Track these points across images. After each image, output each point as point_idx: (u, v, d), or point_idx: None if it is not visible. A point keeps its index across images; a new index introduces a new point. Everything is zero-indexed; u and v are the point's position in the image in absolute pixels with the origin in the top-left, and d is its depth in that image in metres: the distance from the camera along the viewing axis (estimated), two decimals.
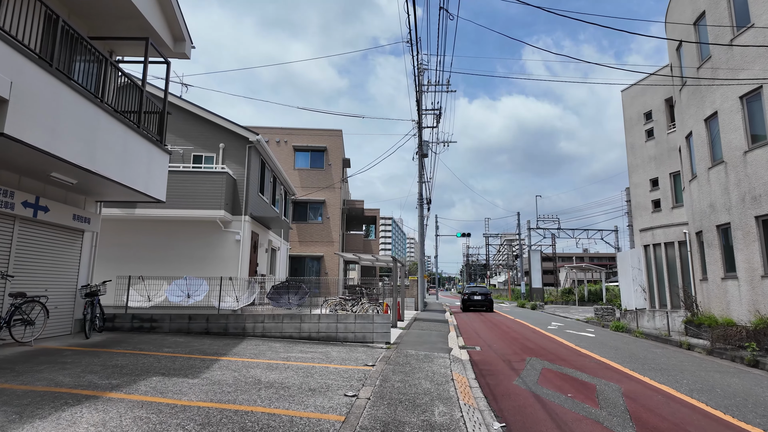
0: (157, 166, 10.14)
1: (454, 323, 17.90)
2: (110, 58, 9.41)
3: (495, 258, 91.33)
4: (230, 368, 6.98)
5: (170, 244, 14.71)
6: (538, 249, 38.33)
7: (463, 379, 7.44)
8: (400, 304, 17.19)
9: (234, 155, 15.45)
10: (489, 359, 9.67)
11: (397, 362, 8.17)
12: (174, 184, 14.10)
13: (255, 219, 15.99)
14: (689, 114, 13.74)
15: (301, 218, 26.34)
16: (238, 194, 15.15)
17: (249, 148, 15.47)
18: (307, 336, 10.56)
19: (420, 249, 24.99)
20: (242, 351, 8.68)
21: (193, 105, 15.56)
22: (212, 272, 13.96)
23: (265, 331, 10.61)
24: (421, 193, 24.89)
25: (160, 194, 10.33)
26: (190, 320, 10.66)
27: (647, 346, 12.19)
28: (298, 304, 11.06)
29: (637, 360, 9.77)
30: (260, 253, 16.99)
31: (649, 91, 19.74)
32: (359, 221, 36.74)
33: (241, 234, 14.84)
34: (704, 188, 12.84)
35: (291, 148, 26.56)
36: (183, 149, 15.45)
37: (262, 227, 17.29)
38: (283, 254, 21.63)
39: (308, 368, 7.27)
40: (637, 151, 20.12)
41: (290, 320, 10.61)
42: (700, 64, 12.85)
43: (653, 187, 19.31)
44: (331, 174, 26.59)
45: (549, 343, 12.45)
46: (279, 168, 19.19)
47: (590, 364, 9.14)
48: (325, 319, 10.61)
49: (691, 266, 14.04)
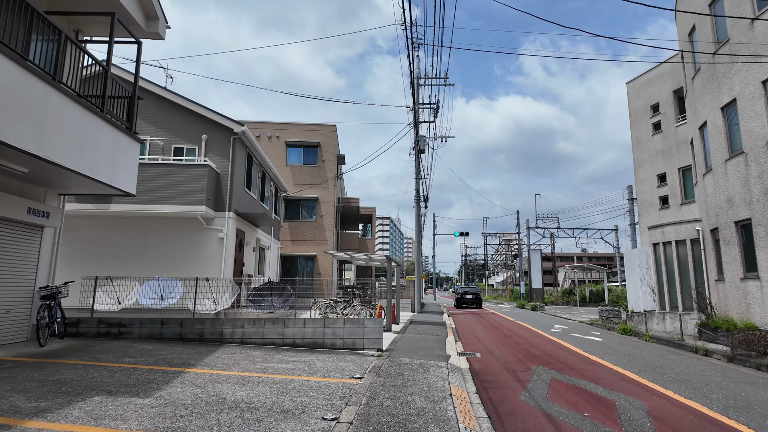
0: (125, 155, 9.18)
1: (452, 326, 16.98)
2: (70, 35, 8.48)
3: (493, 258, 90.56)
4: (194, 383, 6.04)
5: (149, 242, 13.75)
6: (538, 248, 37.46)
7: (463, 393, 6.51)
8: (395, 306, 16.27)
9: (218, 148, 14.49)
10: (491, 368, 8.75)
11: (389, 373, 7.24)
12: (152, 178, 13.16)
13: (240, 216, 15.04)
14: (703, 103, 12.86)
15: (294, 216, 25.39)
16: (222, 189, 14.20)
17: (233, 140, 14.51)
18: (291, 342, 9.62)
19: (416, 248, 24.06)
20: (214, 361, 7.74)
21: (173, 93, 14.60)
22: (194, 272, 13.01)
23: (244, 337, 9.66)
24: (418, 190, 23.98)
25: (129, 186, 9.37)
26: (163, 325, 9.70)
27: (660, 351, 11.29)
28: (281, 307, 10.12)
29: (653, 369, 8.86)
30: (247, 252, 16.04)
31: (656, 82, 18.87)
32: (355, 220, 35.80)
33: (224, 231, 13.88)
34: (721, 182, 11.96)
35: (283, 144, 25.60)
36: (163, 141, 14.49)
37: (249, 225, 16.34)
38: (273, 254, 20.68)
39: (286, 382, 6.34)
40: (644, 146, 19.24)
41: (272, 325, 9.66)
42: (717, 48, 11.96)
43: (661, 182, 18.43)
44: (324, 170, 25.64)
45: (554, 348, 11.54)
46: (268, 163, 18.24)
47: (603, 374, 8.22)
48: (311, 324, 9.67)
49: (704, 266, 13.16)
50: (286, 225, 25.03)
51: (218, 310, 10.42)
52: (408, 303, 23.03)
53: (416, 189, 23.98)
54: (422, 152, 24.00)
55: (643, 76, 19.55)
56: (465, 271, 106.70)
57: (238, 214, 14.74)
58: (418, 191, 23.94)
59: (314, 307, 13.28)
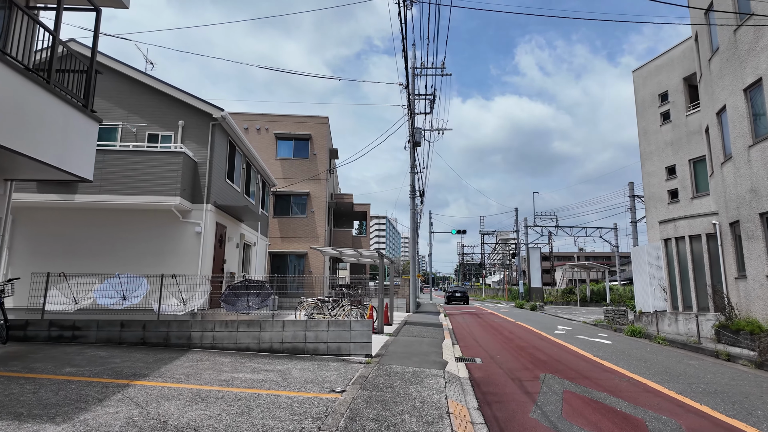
0: (80, 135, 8.06)
1: (449, 327, 15.93)
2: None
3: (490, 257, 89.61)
4: (136, 401, 4.95)
5: (121, 237, 12.62)
6: (538, 247, 36.48)
7: (463, 410, 5.45)
8: (389, 306, 15.21)
9: (196, 135, 13.37)
10: (493, 377, 7.69)
11: (376, 385, 6.17)
12: (121, 167, 12.05)
13: (221, 209, 13.93)
14: (722, 85, 11.85)
15: (283, 212, 24.27)
16: (200, 179, 13.08)
17: (213, 126, 13.39)
18: (268, 348, 8.53)
19: (412, 245, 23.00)
20: (173, 370, 6.64)
21: (147, 75, 13.47)
22: (169, 269, 11.89)
23: (215, 341, 8.56)
24: (414, 185, 22.92)
25: (84, 171, 8.24)
26: (123, 328, 8.59)
27: (678, 356, 10.27)
28: (259, 307, 9.03)
29: (677, 378, 7.82)
30: (229, 248, 14.93)
31: (664, 69, 17.87)
32: (349, 217, 34.71)
33: (202, 225, 12.77)
34: (743, 170, 10.95)
35: (272, 137, 24.47)
36: (136, 126, 13.35)
37: (231, 219, 15.22)
38: (260, 250, 19.56)
39: (250, 398, 5.26)
40: (651, 137, 18.24)
41: (247, 328, 8.57)
42: (739, 23, 10.95)
43: (670, 175, 17.44)
44: (316, 164, 24.54)
45: (561, 352, 10.50)
46: (254, 154, 17.12)
47: (622, 385, 7.18)
48: (291, 327, 8.59)
49: (722, 262, 12.16)
50: (275, 221, 23.92)
51: (187, 311, 9.31)
52: (403, 303, 21.98)
53: (412, 183, 22.92)
54: (418, 145, 22.94)
55: (651, 63, 18.55)
56: (462, 270, 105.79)
57: (218, 207, 13.63)
58: (413, 186, 22.87)
59: (300, 308, 12.20)
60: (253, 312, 8.99)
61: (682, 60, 17.09)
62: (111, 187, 11.92)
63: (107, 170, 11.99)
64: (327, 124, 24.97)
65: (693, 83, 16.97)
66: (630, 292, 28.95)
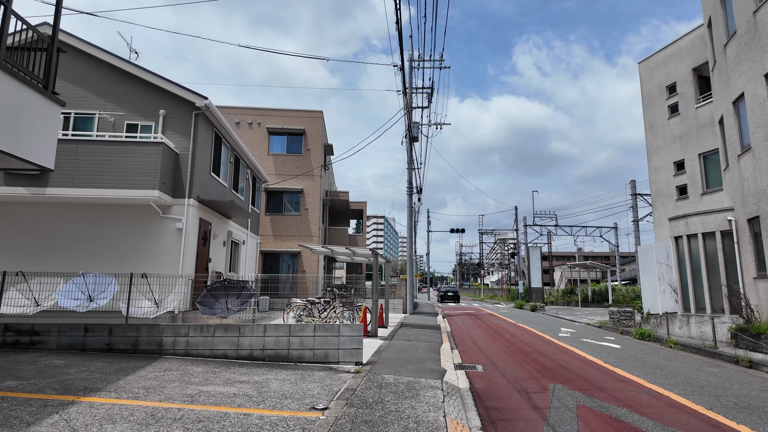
0: (37, 119, 7.24)
1: (447, 329, 15.13)
2: None
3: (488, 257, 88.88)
4: (72, 425, 4.14)
5: (95, 233, 11.79)
6: (538, 246, 35.72)
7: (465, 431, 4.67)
8: (383, 308, 14.40)
9: (178, 125, 12.55)
10: (497, 388, 6.90)
11: (365, 401, 5.38)
12: (95, 159, 11.22)
13: (205, 204, 13.10)
14: (740, 72, 11.08)
15: (276, 209, 23.44)
16: (182, 173, 12.26)
17: (196, 116, 12.56)
18: (248, 355, 7.72)
19: (409, 244, 22.19)
20: (132, 383, 5.83)
21: (125, 62, 12.63)
22: (147, 268, 11.09)
23: (189, 347, 7.75)
24: (411, 181, 22.12)
25: (43, 159, 7.41)
26: (87, 332, 7.77)
27: (695, 363, 9.49)
28: (239, 309, 8.22)
29: (701, 389, 7.04)
30: (214, 246, 14.10)
31: (672, 60, 17.10)
32: (344, 215, 33.91)
33: (183, 221, 11.95)
34: (763, 162, 10.18)
35: (265, 131, 23.63)
36: (114, 116, 12.52)
37: (217, 215, 14.40)
38: (250, 249, 18.74)
39: (213, 420, 4.46)
40: (658, 131, 17.47)
41: (224, 333, 7.76)
42: (760, 4, 10.17)
43: (678, 170, 16.67)
44: (310, 160, 23.71)
45: (569, 358, 9.72)
46: (243, 148, 16.29)
47: (642, 398, 6.39)
48: (274, 332, 7.78)
49: (738, 261, 11.39)
50: (267, 219, 23.10)
51: (160, 314, 8.48)
52: (399, 303, 21.18)
53: (409, 180, 22.11)
54: (415, 140, 22.13)
55: (658, 54, 17.79)
56: (460, 270, 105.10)
57: (201, 202, 12.80)
58: (410, 182, 22.06)
59: (288, 309, 11.39)
60: (232, 315, 8.18)
61: (691, 50, 16.33)
62: (84, 180, 11.09)
63: (81, 162, 11.17)
64: (321, 119, 24.15)
65: (703, 74, 16.23)
66: (633, 293, 28.23)
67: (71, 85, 12.58)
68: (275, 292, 17.21)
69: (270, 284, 17.84)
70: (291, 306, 11.36)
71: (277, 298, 15.80)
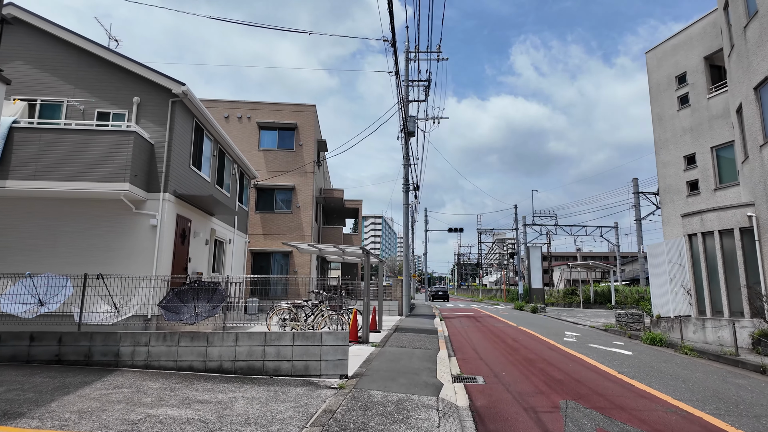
0: None
1: (445, 334, 14.21)
2: None
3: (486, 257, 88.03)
4: None
5: (61, 230, 10.85)
6: (539, 246, 34.84)
7: None
8: (377, 311, 13.48)
9: (153, 113, 11.61)
10: (501, 406, 5.98)
11: (344, 427, 4.46)
12: (60, 149, 10.28)
13: (184, 199, 12.16)
14: (763, 54, 10.20)
15: (267, 207, 22.49)
16: (157, 165, 11.31)
17: (172, 104, 11.62)
18: (217, 367, 6.78)
19: (406, 242, 21.27)
20: (67, 405, 4.89)
21: (96, 45, 11.69)
22: (119, 268, 10.17)
23: (150, 358, 6.81)
24: (407, 177, 21.20)
25: None
26: (33, 342, 6.83)
27: (719, 373, 8.59)
28: (209, 315, 7.29)
29: (736, 407, 6.13)
30: (195, 244, 13.15)
31: (682, 48, 16.23)
32: (340, 214, 33.00)
33: (158, 217, 11.00)
34: None
35: (255, 126, 22.68)
36: (83, 103, 11.56)
37: (198, 212, 13.45)
38: (237, 248, 17.80)
39: None
40: (667, 123, 16.59)
41: (191, 342, 6.83)
42: None
43: (689, 165, 15.80)
44: (302, 156, 22.77)
45: (579, 368, 8.80)
46: (228, 141, 15.36)
47: (671, 419, 5.48)
48: (246, 341, 6.84)
49: (760, 260, 10.51)
50: (257, 217, 22.15)
51: (121, 319, 7.54)
52: (395, 305, 20.25)
53: (405, 176, 21.19)
54: (411, 135, 21.22)
55: (667, 42, 16.92)
56: (458, 270, 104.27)
57: (179, 197, 11.86)
58: (407, 179, 21.14)
59: (271, 314, 10.45)
60: (202, 321, 7.25)
61: (702, 37, 15.47)
62: (49, 173, 10.15)
63: (45, 153, 10.22)
64: (314, 113, 23.21)
65: (715, 63, 15.36)
66: (636, 293, 27.34)
67: (38, 70, 11.64)
68: (265, 295, 16.29)
69: (260, 286, 16.93)
70: (274, 310, 10.42)
71: (268, 300, 14.87)
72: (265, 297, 16.57)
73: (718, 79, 15.15)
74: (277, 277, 19.90)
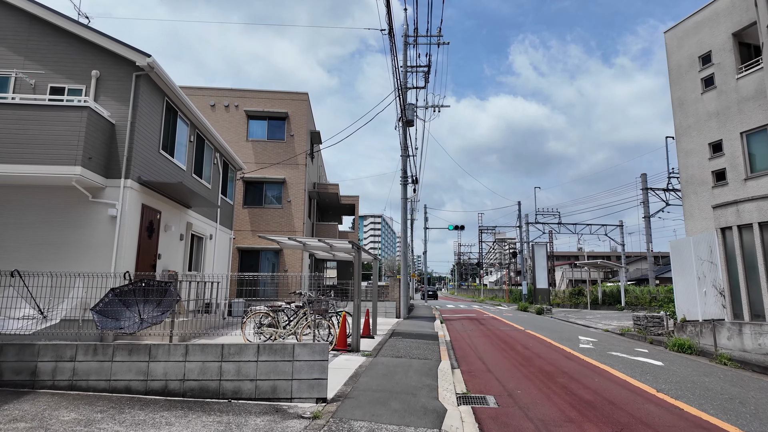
0: None
1: (447, 339, 12.80)
2: None
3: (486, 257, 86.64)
4: None
5: (7, 222, 9.43)
6: (544, 244, 33.43)
7: None
8: (370, 314, 12.07)
9: (115, 89, 10.19)
10: None
11: None
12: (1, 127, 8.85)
13: (151, 188, 10.75)
14: None
15: (255, 201, 21.06)
16: (118, 147, 9.90)
17: (137, 78, 10.20)
18: (162, 387, 5.36)
19: (404, 238, 19.85)
20: None
21: (50, 11, 10.25)
22: (74, 265, 8.77)
23: (76, 376, 5.40)
24: (405, 170, 19.78)
25: None
26: None
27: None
28: (156, 321, 5.87)
29: None
30: (166, 239, 11.73)
31: (706, 26, 14.81)
32: (336, 211, 31.58)
33: (118, 207, 9.58)
34: None
35: (243, 115, 21.24)
36: (34, 76, 10.14)
37: (170, 203, 12.03)
38: (221, 245, 16.38)
39: None
40: (689, 108, 15.18)
41: (128, 356, 5.41)
42: None
43: (714, 153, 14.38)
44: (293, 147, 21.34)
45: (607, 383, 7.39)
46: (208, 126, 13.95)
47: None
48: (199, 355, 5.43)
49: None
50: (245, 212, 20.72)
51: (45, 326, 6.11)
52: (393, 306, 18.84)
53: (403, 168, 19.78)
54: (410, 124, 19.80)
55: (689, 20, 15.50)
56: (458, 270, 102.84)
57: (145, 185, 10.44)
58: (405, 171, 19.73)
59: (246, 319, 9.03)
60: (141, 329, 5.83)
61: (730, 12, 14.06)
62: None
63: None
64: (307, 101, 21.77)
65: (745, 40, 13.97)
66: (648, 294, 25.94)
67: None
68: (253, 296, 14.89)
69: (247, 286, 15.53)
70: (250, 314, 9.00)
71: (258, 301, 13.48)
72: (254, 299, 15.18)
73: (748, 58, 13.76)
74: (262, 275, 18.49)
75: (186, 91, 21.10)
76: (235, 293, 18.11)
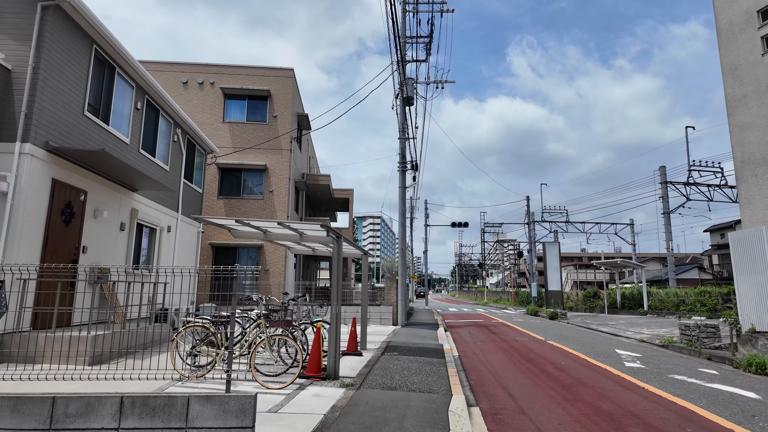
0: None
1: (454, 354, 10.21)
2: None
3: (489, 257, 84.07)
4: None
5: None
6: (556, 242, 30.90)
7: None
8: (356, 323, 9.53)
9: (17, 25, 7.66)
10: None
11: None
12: None
13: (68, 158, 8.18)
14: None
15: (232, 191, 18.51)
16: (14, 100, 7.35)
17: (44, 11, 7.66)
18: None
19: (402, 234, 17.28)
20: None
21: None
22: None
23: None
24: (404, 155, 17.25)
25: None
26: None
27: None
28: None
29: None
30: (96, 227, 9.16)
31: None
32: (328, 206, 29.05)
33: (10, 179, 7.04)
34: None
35: (219, 93, 18.70)
36: None
37: (104, 182, 9.46)
38: (185, 239, 13.82)
39: None
40: (745, 74, 12.67)
41: None
42: None
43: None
44: (276, 129, 18.79)
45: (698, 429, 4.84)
46: (162, 92, 11.41)
47: None
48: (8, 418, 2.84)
49: None
50: (221, 203, 18.17)
51: None
52: (389, 312, 16.28)
53: (401, 153, 17.24)
54: (410, 103, 17.28)
55: None
56: (459, 271, 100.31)
57: (56, 153, 7.89)
58: (403, 156, 17.19)
59: (175, 336, 6.43)
60: None
61: None
62: None
63: None
64: (292, 78, 19.23)
65: None
66: (675, 297, 23.39)
67: None
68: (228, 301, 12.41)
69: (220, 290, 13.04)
70: (183, 328, 6.41)
71: (239, 305, 10.88)
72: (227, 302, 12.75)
73: None
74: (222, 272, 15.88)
75: (155, 65, 18.66)
76: (207, 297, 15.59)
